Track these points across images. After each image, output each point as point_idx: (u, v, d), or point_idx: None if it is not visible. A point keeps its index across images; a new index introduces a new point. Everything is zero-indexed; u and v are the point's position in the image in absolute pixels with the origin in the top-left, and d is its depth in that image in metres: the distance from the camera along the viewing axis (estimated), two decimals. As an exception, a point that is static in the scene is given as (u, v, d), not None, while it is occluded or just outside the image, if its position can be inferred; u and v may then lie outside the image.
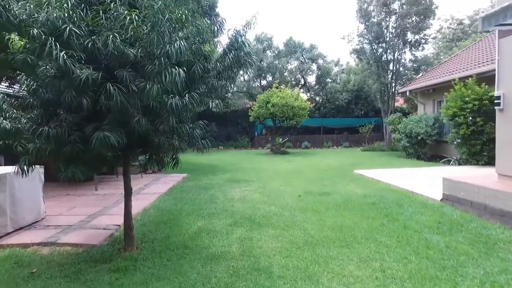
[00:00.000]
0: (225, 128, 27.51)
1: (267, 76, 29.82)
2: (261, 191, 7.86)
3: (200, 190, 8.06)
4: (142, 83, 2.74)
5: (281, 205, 6.46)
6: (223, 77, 4.04)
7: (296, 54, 29.29)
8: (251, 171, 11.37)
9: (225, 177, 10.15)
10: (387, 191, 7.44)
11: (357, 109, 27.76)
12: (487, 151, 11.00)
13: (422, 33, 19.68)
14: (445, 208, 5.89)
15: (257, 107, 19.67)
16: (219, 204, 6.54)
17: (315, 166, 12.83)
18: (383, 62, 20.44)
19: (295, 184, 8.73)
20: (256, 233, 4.80)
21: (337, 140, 26.79)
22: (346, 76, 28.85)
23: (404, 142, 14.75)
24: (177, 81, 2.75)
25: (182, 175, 10.35)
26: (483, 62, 12.46)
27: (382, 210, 5.92)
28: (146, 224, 5.26)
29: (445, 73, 14.61)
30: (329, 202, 6.57)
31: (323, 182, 8.82)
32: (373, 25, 20.23)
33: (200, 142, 4.04)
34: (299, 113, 19.38)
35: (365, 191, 7.53)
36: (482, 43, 16.38)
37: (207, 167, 12.99)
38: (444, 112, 11.86)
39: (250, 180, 9.46)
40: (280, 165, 13.28)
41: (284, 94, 19.07)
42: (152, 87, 2.68)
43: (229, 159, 16.40)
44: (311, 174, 10.48)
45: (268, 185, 8.63)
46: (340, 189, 7.84)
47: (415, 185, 7.68)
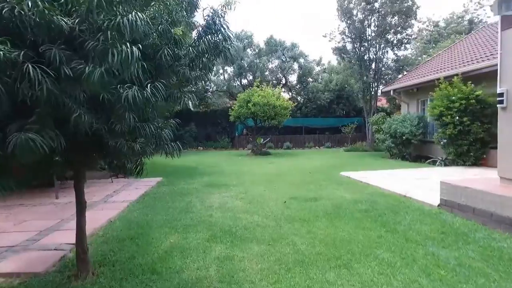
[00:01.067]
0: (205, 128, 26.66)
1: (248, 75, 29.18)
2: (242, 197, 7.17)
3: (176, 196, 7.29)
4: (80, 65, 2.00)
5: (265, 213, 5.80)
6: (197, 66, 3.32)
7: (277, 53, 28.78)
8: (231, 174, 10.67)
9: (204, 181, 9.41)
10: (378, 196, 6.92)
11: (339, 108, 27.53)
12: (474, 151, 10.77)
13: (404, 33, 19.52)
14: (444, 215, 5.40)
15: (238, 106, 18.97)
16: (196, 214, 5.81)
17: (299, 168, 12.26)
18: (365, 61, 20.17)
19: (279, 188, 8.10)
20: (238, 250, 4.12)
21: (319, 140, 26.46)
22: (328, 75, 28.58)
23: (388, 142, 14.42)
24: (130, 62, 2.03)
25: (156, 179, 9.53)
26: (468, 61, 12.26)
27: (377, 218, 5.36)
28: (109, 241, 4.47)
29: (428, 72, 14.38)
30: (318, 210, 5.97)
31: (309, 186, 8.23)
32: (354, 23, 19.94)
33: (170, 145, 3.32)
34: (281, 113, 18.81)
35: (355, 196, 6.98)
36: (464, 43, 16.32)
37: (184, 169, 12.19)
38: (430, 112, 11.55)
39: (230, 184, 8.76)
40: (262, 167, 12.63)
41: (265, 93, 18.45)
42: (94, 71, 1.95)
43: (208, 161, 15.63)
44: (296, 177, 9.88)
45: (250, 190, 7.95)
46: (328, 194, 7.26)
47: (406, 189, 7.19)
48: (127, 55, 2.00)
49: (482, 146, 10.75)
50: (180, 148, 3.43)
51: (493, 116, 10.65)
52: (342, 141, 25.85)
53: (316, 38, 59.10)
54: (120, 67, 2.06)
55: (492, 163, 10.56)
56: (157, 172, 11.07)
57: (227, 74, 30.03)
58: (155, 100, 2.59)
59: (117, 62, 1.98)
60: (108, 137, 2.72)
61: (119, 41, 2.01)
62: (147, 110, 2.95)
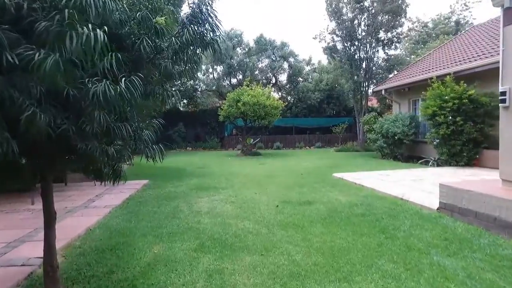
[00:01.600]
0: (194, 128, 26.21)
1: (237, 74, 28.80)
2: (232, 200, 6.82)
3: (162, 200, 6.89)
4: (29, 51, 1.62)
5: (257, 219, 5.47)
6: (181, 59, 2.97)
7: (267, 52, 28.50)
8: (221, 176, 10.30)
9: (192, 183, 9.02)
10: (374, 199, 6.66)
11: (329, 108, 27.39)
12: (467, 151, 10.63)
13: (395, 31, 19.44)
14: (445, 219, 5.15)
15: (227, 106, 18.59)
16: (183, 220, 5.44)
17: (290, 169, 11.97)
18: (356, 60, 20.03)
19: (271, 191, 7.78)
20: (228, 261, 3.78)
21: (310, 140, 26.26)
22: (318, 75, 28.41)
23: (380, 142, 14.25)
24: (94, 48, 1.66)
25: (142, 182, 9.11)
26: (460, 60, 12.15)
27: (374, 223, 5.08)
28: (86, 253, 4.07)
29: (420, 71, 14.27)
30: (312, 214, 5.66)
31: (302, 189, 7.93)
32: (344, 22, 19.77)
33: (151, 148, 2.95)
34: (271, 113, 18.51)
35: (350, 199, 6.70)
36: (454, 43, 16.30)
37: (172, 171, 11.76)
38: (423, 111, 11.39)
39: (220, 187, 8.39)
40: (252, 169, 12.30)
41: (255, 92, 18.12)
42: (46, 59, 1.58)
43: (197, 162, 15.21)
44: (287, 178, 9.57)
45: (241, 193, 7.61)
46: (321, 197, 6.97)
47: (402, 191, 6.96)
48: (90, 40, 1.63)
49: (475, 146, 10.63)
50: (162, 151, 3.06)
51: (486, 116, 10.58)
52: (333, 141, 25.71)
53: (306, 37, 59.15)
54: (83, 55, 1.69)
55: (485, 164, 10.46)
56: (144, 174, 10.65)
57: (216, 73, 29.62)
58: (131, 96, 2.23)
59: (76, 48, 1.61)
60: (77, 140, 2.35)
61: (79, 22, 1.64)
62: (124, 108, 2.59)
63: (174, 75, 3.04)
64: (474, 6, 53.47)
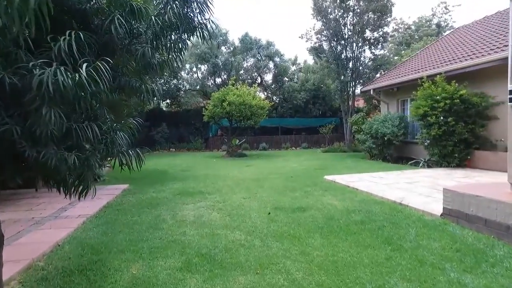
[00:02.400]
0: (177, 129, 25.46)
1: (222, 73, 28.21)
2: (220, 207, 6.30)
3: (143, 208, 6.30)
4: None
5: (248, 229, 4.97)
6: (163, 46, 2.45)
7: (252, 51, 28.02)
8: (206, 179, 9.75)
9: (176, 187, 8.43)
10: (371, 204, 6.26)
11: (315, 109, 27.16)
12: (458, 152, 10.43)
13: (381, 31, 19.30)
14: (451, 226, 4.78)
15: (212, 106, 18.02)
16: (166, 231, 4.88)
17: (279, 171, 11.52)
18: (342, 59, 19.79)
19: (261, 196, 7.29)
20: (219, 283, 3.26)
21: (296, 141, 25.95)
22: (304, 75, 28.14)
23: (369, 143, 13.98)
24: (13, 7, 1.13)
25: (122, 187, 8.47)
26: (450, 60, 12.00)
27: (377, 232, 4.66)
28: (49, 277, 3.47)
29: (408, 71, 14.08)
30: (308, 223, 5.21)
31: (294, 193, 7.48)
32: (330, 22, 19.52)
33: (126, 153, 2.42)
34: (257, 113, 18.05)
35: (346, 204, 6.29)
36: (440, 43, 16.26)
37: (155, 174, 11.13)
38: (414, 111, 11.14)
39: (206, 191, 7.85)
40: (239, 171, 11.78)
41: (241, 92, 17.63)
42: None
43: (181, 164, 14.59)
44: (277, 181, 9.11)
45: (229, 198, 7.09)
46: (316, 202, 6.53)
47: (400, 195, 6.60)
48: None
49: (466, 147, 10.46)
50: (140, 157, 2.54)
51: (477, 116, 10.41)
52: (319, 142, 25.48)
53: (291, 36, 59.04)
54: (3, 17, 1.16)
55: (476, 164, 10.29)
56: (124, 177, 9.94)
57: (200, 73, 28.96)
58: (96, 88, 1.70)
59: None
60: (26, 145, 1.80)
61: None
62: (91, 105, 2.05)
63: (154, 65, 2.52)
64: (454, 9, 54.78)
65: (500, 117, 10.26)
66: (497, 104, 10.33)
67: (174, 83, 25.63)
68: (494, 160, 9.86)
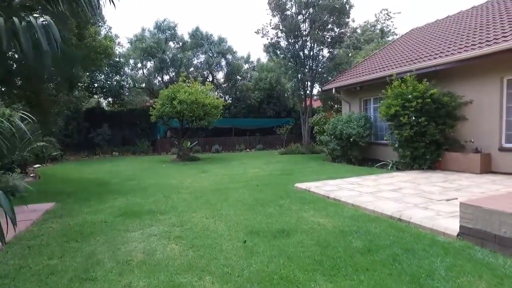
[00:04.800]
0: (121, 130, 23.02)
1: (170, 70, 26.21)
2: (178, 234, 4.81)
3: (69, 242, 4.59)
4: None
5: (222, 270, 3.58)
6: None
7: (203, 47, 26.41)
8: (157, 192, 8.11)
9: (118, 205, 6.72)
10: (366, 221, 5.18)
11: (269, 109, 26.29)
12: (429, 153, 9.93)
13: (338, 30, 18.82)
14: (479, 252, 3.81)
15: (160, 104, 16.16)
16: (101, 283, 3.31)
17: (241, 178, 10.19)
18: (300, 58, 19.01)
19: (227, 213, 5.90)
20: None
21: (250, 143, 24.82)
22: (258, 73, 27.12)
23: (333, 144, 13.20)
24: None
25: (45, 206, 6.56)
26: (417, 59, 11.58)
27: (394, 266, 3.54)
28: None
29: (371, 70, 13.56)
30: (300, 254, 3.95)
31: (267, 208, 6.19)
32: (287, 18, 18.63)
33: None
34: (211, 112, 16.58)
35: (335, 223, 5.14)
36: (398, 43, 16.13)
37: (91, 186, 9.20)
38: (384, 111, 10.48)
39: (157, 210, 6.26)
40: (195, 179, 10.25)
41: (193, 89, 16.01)
42: None
43: (125, 171, 12.64)
44: (243, 193, 7.77)
45: (188, 219, 5.60)
46: (298, 222, 5.30)
47: (392, 207, 5.64)
48: None
49: (437, 148, 10.00)
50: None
51: (447, 116, 9.99)
52: (274, 143, 24.62)
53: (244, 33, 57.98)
54: None
55: (447, 166, 9.86)
56: (52, 191, 8.08)
57: (146, 69, 26.64)
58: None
59: None
60: None
61: None
62: None
63: None
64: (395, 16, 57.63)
65: (469, 117, 9.95)
66: (465, 104, 10.02)
67: (117, 79, 23.10)
68: (464, 161, 9.48)
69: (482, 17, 11.97)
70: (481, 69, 9.54)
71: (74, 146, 20.53)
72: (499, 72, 9.16)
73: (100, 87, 21.80)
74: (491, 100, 9.34)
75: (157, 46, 24.11)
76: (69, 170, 13.51)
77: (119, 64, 21.96)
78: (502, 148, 9.13)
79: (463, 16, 13.86)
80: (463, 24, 12.49)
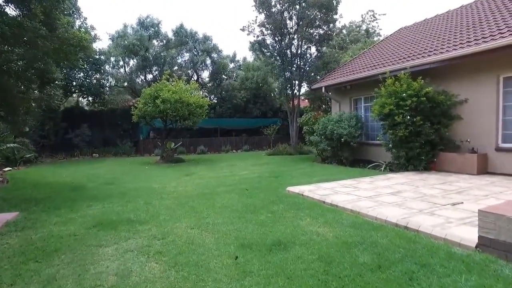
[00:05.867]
0: (101, 131, 22.05)
1: (153, 69, 25.35)
2: (159, 249, 4.17)
3: (27, 262, 3.89)
4: None
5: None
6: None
7: (188, 45, 25.63)
8: (137, 197, 7.43)
9: (93, 213, 6.02)
10: (369, 230, 4.67)
11: (255, 108, 25.74)
12: (424, 154, 9.57)
13: (326, 27, 18.43)
14: (507, 268, 3.34)
15: (142, 104, 15.40)
16: (60, 319, 2.68)
17: (228, 181, 9.59)
18: (287, 56, 18.53)
19: (215, 222, 5.30)
20: None
21: (236, 143, 24.21)
22: (244, 73, 26.53)
23: (323, 145, 12.75)
24: None
25: (6, 216, 5.80)
26: (410, 56, 11.23)
27: (411, 286, 3.03)
28: None
29: (362, 68, 13.17)
30: (301, 272, 3.39)
31: (258, 215, 5.62)
32: (273, 15, 18.13)
33: None
34: (196, 112, 15.90)
35: (336, 233, 4.61)
36: (388, 42, 15.84)
37: (65, 191, 8.43)
38: (377, 110, 10.06)
39: (136, 219, 5.60)
40: (179, 182, 9.59)
41: (177, 87, 15.31)
42: None
43: (104, 174, 11.85)
44: (231, 198, 7.17)
45: (170, 230, 4.97)
46: (294, 231, 4.74)
47: (396, 213, 5.16)
48: None
49: (432, 148, 9.65)
50: None
51: (442, 115, 9.65)
52: (261, 144, 24.09)
53: (229, 32, 57.29)
54: None
55: (442, 167, 9.53)
56: (18, 197, 7.34)
57: (128, 68, 25.68)
58: None
59: None
60: None
61: None
62: None
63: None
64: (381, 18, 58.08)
65: (464, 116, 9.64)
66: (460, 103, 9.71)
67: (97, 77, 22.07)
68: (460, 162, 9.15)
69: (474, 15, 11.74)
70: (476, 66, 9.24)
71: (51, 148, 19.48)
72: (495, 70, 8.87)
73: (79, 85, 20.74)
74: (487, 99, 9.05)
75: (139, 44, 23.21)
76: (43, 173, 12.60)
77: (99, 62, 20.97)
78: (499, 148, 8.84)
79: (453, 15, 13.65)
80: (455, 22, 12.25)
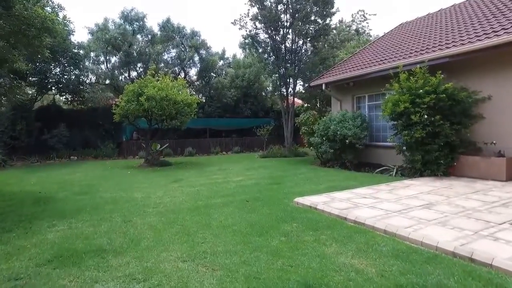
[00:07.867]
0: (81, 131, 20.41)
1: (138, 66, 23.81)
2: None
3: None
4: None
5: None
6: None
7: (174, 41, 24.19)
8: (114, 212, 6.10)
9: (52, 239, 4.67)
10: (422, 262, 3.49)
11: (246, 108, 24.51)
12: (443, 158, 8.53)
13: (323, 22, 17.36)
14: None
15: (125, 101, 13.94)
16: None
17: (223, 189, 8.33)
18: (281, 51, 17.38)
19: (215, 251, 4.05)
20: None
21: (227, 144, 22.92)
22: (234, 70, 25.26)
23: (325, 147, 11.62)
24: None
25: None
26: (422, 50, 10.22)
27: None
28: None
29: (367, 63, 12.11)
30: None
31: (268, 240, 4.39)
32: (266, 8, 16.97)
33: None
34: (184, 111, 14.53)
35: (377, 266, 3.42)
36: (391, 36, 14.89)
37: (27, 204, 7.01)
38: (390, 108, 8.98)
39: (110, 247, 4.28)
40: (166, 191, 8.27)
41: (163, 84, 13.94)
42: None
43: (80, 180, 10.42)
44: (230, 213, 5.92)
45: (155, 264, 3.69)
46: (322, 265, 3.54)
47: (444, 235, 4.03)
48: None
49: (451, 151, 8.63)
50: None
51: (463, 114, 8.66)
52: (253, 145, 22.88)
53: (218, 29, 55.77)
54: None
55: (462, 172, 8.51)
56: None
57: (110, 64, 24.06)
58: None
59: None
60: None
61: None
62: None
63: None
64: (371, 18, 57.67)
65: (486, 115, 8.67)
66: (482, 100, 8.73)
67: (76, 73, 20.40)
68: (485, 167, 8.15)
69: (489, 6, 10.82)
70: (501, 60, 8.27)
71: (23, 150, 17.75)
72: (524, 63, 7.91)
73: (56, 81, 19.07)
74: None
75: (122, 38, 21.66)
76: (7, 179, 11.04)
77: (77, 56, 19.33)
78: (529, 151, 7.88)
79: (462, 7, 12.77)
80: (467, 14, 11.33)
